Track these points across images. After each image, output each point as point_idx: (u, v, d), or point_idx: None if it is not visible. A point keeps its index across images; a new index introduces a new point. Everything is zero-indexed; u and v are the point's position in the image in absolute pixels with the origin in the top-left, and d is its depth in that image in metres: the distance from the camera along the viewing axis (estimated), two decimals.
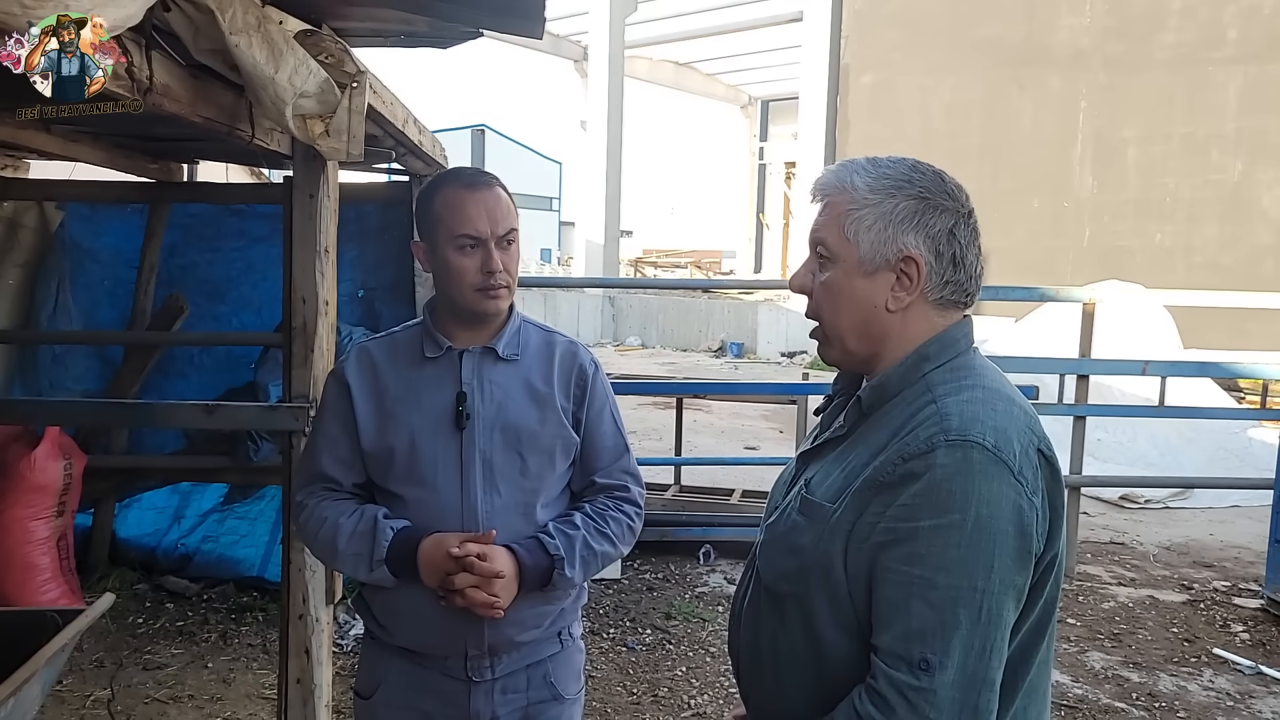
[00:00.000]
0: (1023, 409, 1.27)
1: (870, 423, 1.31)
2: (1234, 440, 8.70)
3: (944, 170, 1.34)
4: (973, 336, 1.35)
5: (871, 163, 1.33)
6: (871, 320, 1.32)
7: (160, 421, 4.12)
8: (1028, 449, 1.22)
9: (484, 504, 1.83)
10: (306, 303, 2.77)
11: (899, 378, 1.30)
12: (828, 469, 1.33)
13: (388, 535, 1.79)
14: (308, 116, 2.16)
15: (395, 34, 2.76)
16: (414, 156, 4.25)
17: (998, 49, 15.44)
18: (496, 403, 1.87)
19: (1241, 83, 13.53)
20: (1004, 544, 1.17)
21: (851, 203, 1.30)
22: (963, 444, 1.18)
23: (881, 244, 1.28)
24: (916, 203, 1.29)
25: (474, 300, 1.85)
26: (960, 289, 1.32)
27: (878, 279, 1.30)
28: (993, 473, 1.17)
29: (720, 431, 10.31)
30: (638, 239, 36.15)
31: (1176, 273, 13.53)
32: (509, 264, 1.86)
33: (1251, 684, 4.28)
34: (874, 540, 1.21)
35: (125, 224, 4.96)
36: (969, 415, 1.21)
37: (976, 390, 1.26)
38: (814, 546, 1.27)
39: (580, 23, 21.78)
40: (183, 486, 5.11)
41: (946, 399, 1.24)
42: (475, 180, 1.87)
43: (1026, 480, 1.19)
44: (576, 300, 20.35)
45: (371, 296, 5.06)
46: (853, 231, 1.30)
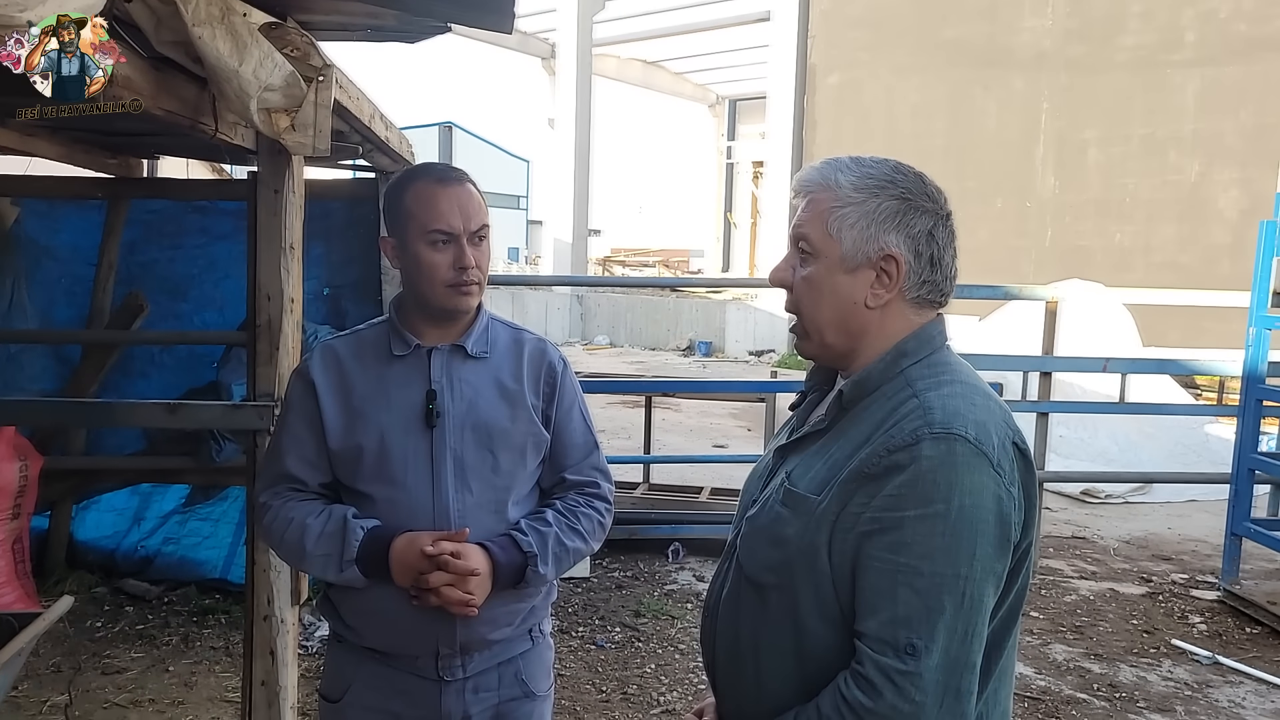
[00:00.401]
0: (998, 404, 1.32)
1: (850, 416, 1.34)
2: (1191, 436, 8.85)
3: (924, 173, 1.37)
4: (947, 334, 1.39)
5: (855, 162, 1.36)
6: (851, 316, 1.35)
7: (120, 421, 4.04)
8: (1005, 442, 1.26)
9: (456, 502, 1.82)
10: (272, 300, 2.74)
11: (879, 373, 1.33)
12: (809, 462, 1.35)
13: (358, 535, 1.77)
14: (273, 110, 2.14)
15: (362, 28, 2.74)
16: (381, 153, 4.21)
17: (962, 50, 15.60)
18: (467, 401, 1.86)
19: (1199, 85, 13.76)
20: (985, 532, 1.21)
21: (836, 200, 1.33)
22: (947, 436, 1.22)
23: (864, 242, 1.32)
24: (899, 203, 1.32)
25: (445, 297, 1.83)
26: (936, 289, 1.35)
27: (858, 276, 1.33)
28: (975, 464, 1.21)
29: (689, 430, 10.33)
30: (606, 238, 36.12)
31: (1136, 272, 13.74)
32: (481, 261, 1.85)
33: (1209, 674, 4.35)
34: (859, 530, 1.24)
35: (83, 220, 4.87)
36: (951, 409, 1.25)
37: (956, 385, 1.30)
38: (799, 538, 1.29)
39: (548, 20, 21.75)
40: (143, 488, 5.03)
41: (928, 393, 1.28)
42: (447, 175, 1.85)
43: (1004, 472, 1.24)
44: (545, 299, 20.31)
45: (337, 294, 5.01)
46: (836, 228, 1.33)
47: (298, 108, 2.20)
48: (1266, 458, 5.36)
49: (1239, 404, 5.42)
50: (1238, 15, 13.49)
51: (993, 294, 6.68)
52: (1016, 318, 9.54)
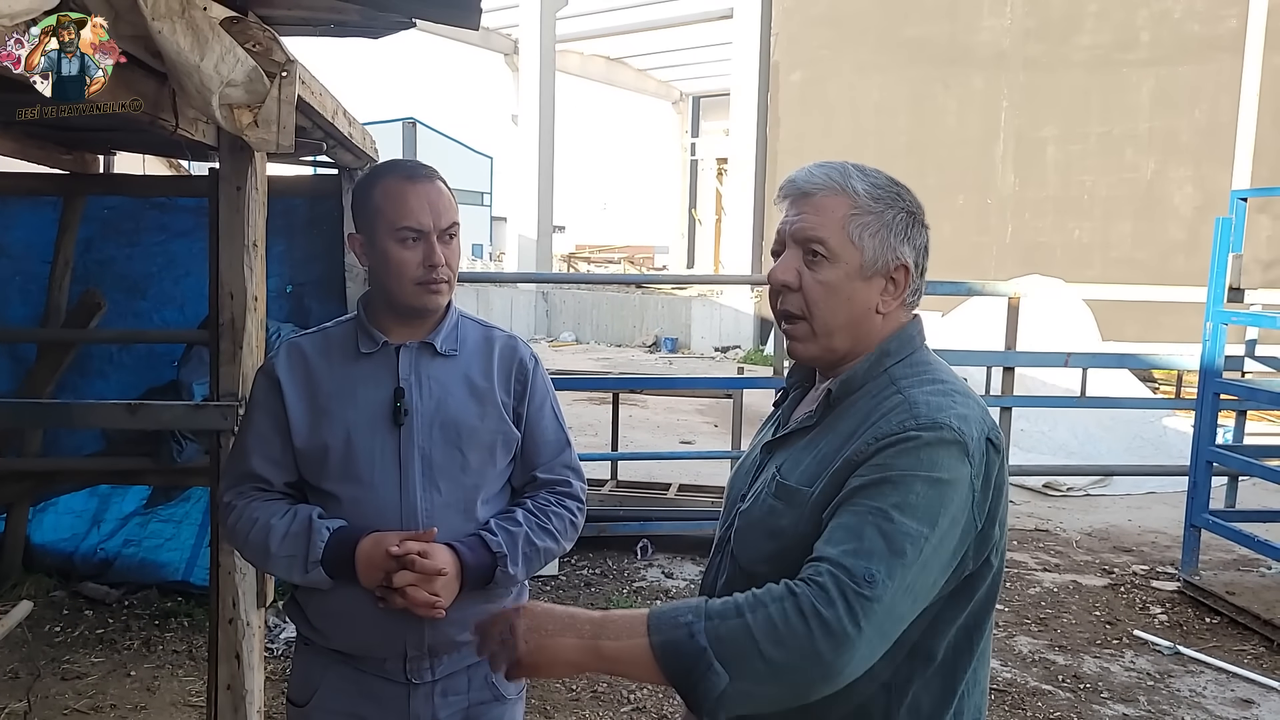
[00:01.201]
0: (976, 401, 1.38)
1: (837, 412, 1.40)
2: (1150, 429, 9.00)
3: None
4: (924, 334, 1.46)
5: (860, 169, 1.41)
6: (863, 321, 1.40)
7: (79, 422, 3.96)
8: (981, 438, 1.32)
9: (424, 502, 1.79)
10: (234, 298, 2.70)
11: (864, 372, 1.39)
12: (798, 456, 1.41)
13: (323, 535, 1.74)
14: (235, 106, 2.10)
15: (325, 23, 2.70)
16: (344, 149, 4.16)
17: (924, 49, 15.74)
18: (435, 399, 1.83)
19: (1153, 84, 13.99)
20: (950, 510, 1.27)
21: (855, 207, 1.37)
22: (933, 427, 1.29)
23: (883, 250, 1.38)
24: (907, 216, 1.40)
25: (413, 294, 1.81)
26: (919, 295, 1.45)
27: (873, 283, 1.38)
28: (955, 453, 1.28)
29: (656, 426, 10.34)
30: (571, 234, 36.04)
31: (1094, 268, 13.95)
32: (450, 258, 1.83)
33: (1170, 664, 4.43)
34: (845, 486, 1.30)
35: (37, 217, 4.76)
36: (935, 405, 1.32)
37: (938, 384, 1.37)
38: (793, 528, 1.34)
39: (511, 16, 21.62)
40: (102, 489, 4.94)
41: (912, 390, 1.35)
42: (416, 172, 1.83)
43: (974, 464, 1.30)
44: (509, 296, 20.23)
45: (301, 292, 4.95)
46: (858, 235, 1.37)
47: (260, 103, 2.16)
48: (1223, 450, 5.45)
49: (1196, 397, 5.51)
50: (1191, 15, 13.72)
51: (955, 290, 6.75)
52: (979, 313, 9.66)
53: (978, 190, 15.38)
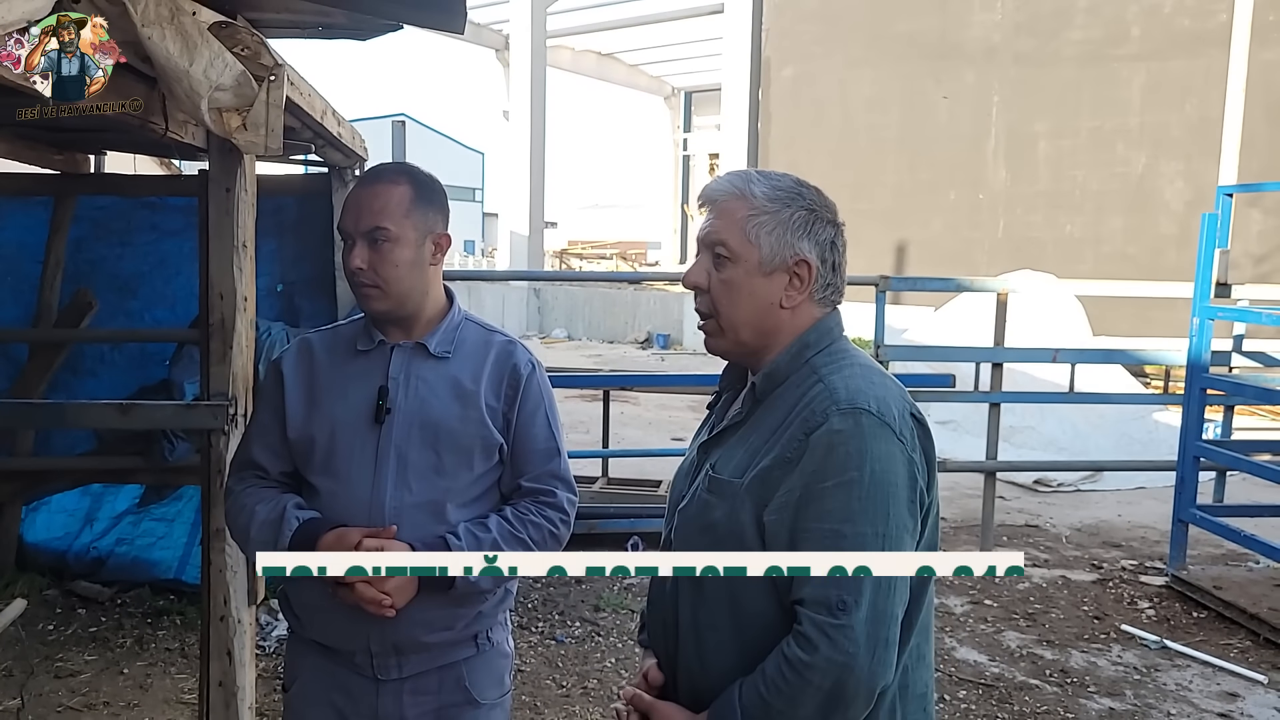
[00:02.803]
0: (894, 381, 1.47)
1: (764, 406, 1.48)
2: (1139, 424, 9.04)
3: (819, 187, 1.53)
4: (843, 326, 1.54)
5: (763, 174, 1.51)
6: (767, 315, 1.49)
7: (72, 422, 3.97)
8: (904, 414, 1.41)
9: (393, 500, 1.82)
10: (224, 299, 2.71)
11: (785, 364, 1.48)
12: (730, 452, 1.49)
13: (292, 525, 1.79)
14: (224, 110, 2.11)
15: (312, 25, 2.71)
16: (333, 148, 4.17)
17: (914, 44, 15.75)
18: (420, 399, 1.86)
19: (1144, 79, 14.01)
20: (897, 495, 1.35)
21: (752, 209, 1.47)
22: (852, 411, 1.37)
23: (780, 247, 1.46)
24: (808, 214, 1.48)
25: (355, 294, 1.87)
26: (836, 290, 1.52)
27: (774, 279, 1.47)
28: (880, 434, 1.36)
29: (647, 423, 10.36)
30: (562, 230, 36.05)
31: (1086, 263, 13.98)
32: (375, 263, 1.81)
33: (1157, 658, 4.46)
34: (790, 505, 1.37)
35: (29, 217, 4.76)
36: (853, 388, 1.40)
37: (855, 368, 1.45)
38: (726, 520, 1.43)
39: (501, 11, 21.60)
40: (94, 488, 4.95)
41: (831, 377, 1.43)
42: (370, 176, 1.89)
43: (906, 439, 1.39)
44: (501, 292, 20.21)
45: (291, 291, 4.96)
46: (754, 235, 1.46)
47: (249, 107, 2.18)
48: (1211, 445, 5.49)
49: (1184, 392, 5.55)
50: (1181, 10, 13.76)
51: (945, 286, 6.79)
52: (969, 309, 9.68)
53: (969, 186, 15.41)
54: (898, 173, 15.87)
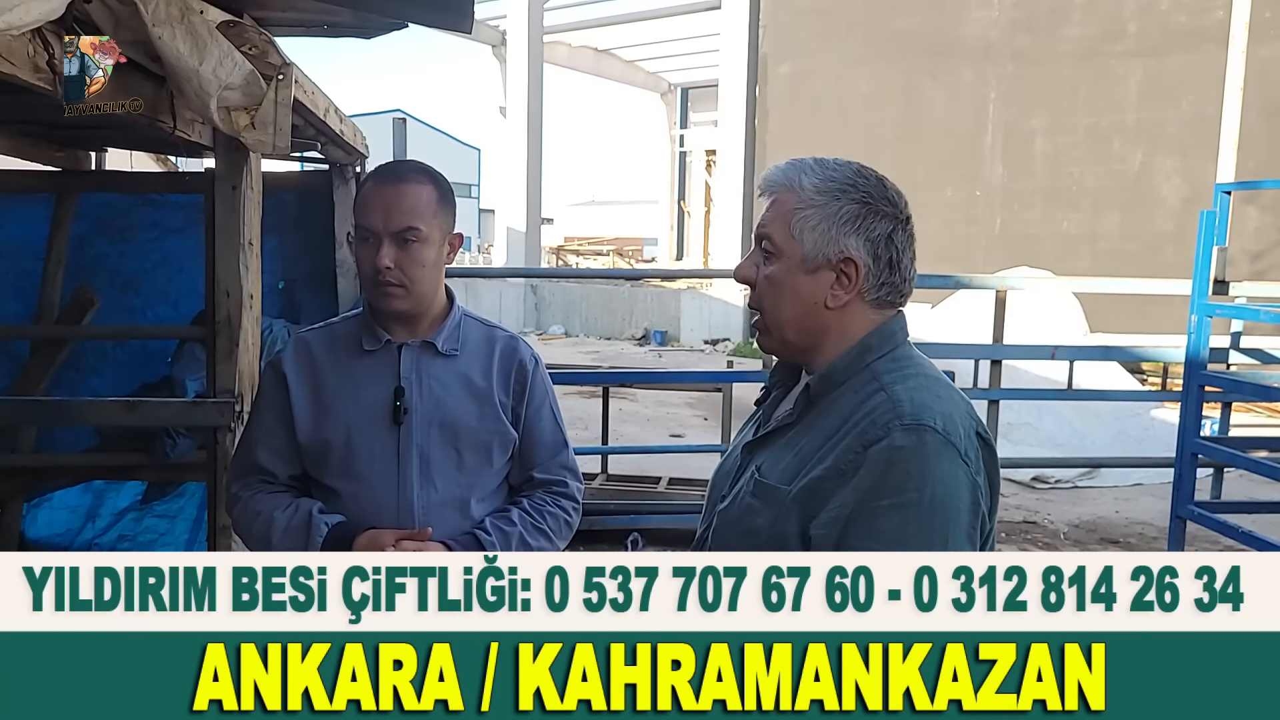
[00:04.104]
0: (960, 395, 1.38)
1: (818, 409, 1.39)
2: (1136, 421, 9.07)
3: (886, 176, 1.42)
4: (908, 330, 1.44)
5: (819, 163, 1.40)
6: (811, 315, 1.39)
7: (76, 418, 3.98)
8: (970, 433, 1.32)
9: (420, 499, 1.84)
10: (230, 296, 2.73)
11: (844, 367, 1.38)
12: (778, 455, 1.40)
13: (322, 530, 1.79)
14: (232, 108, 2.12)
15: (318, 24, 2.72)
16: (335, 145, 4.19)
17: (911, 40, 15.77)
18: (435, 398, 1.87)
19: (1141, 75, 14.04)
20: (957, 520, 1.27)
21: (799, 202, 1.37)
22: (917, 428, 1.27)
23: (824, 244, 1.36)
24: (859, 207, 1.36)
25: (370, 293, 1.86)
26: (895, 290, 1.40)
27: (819, 277, 1.38)
28: (944, 454, 1.27)
29: (646, 420, 10.37)
30: (559, 226, 36.04)
31: (1083, 259, 14.01)
32: (403, 263, 1.81)
33: None
34: (840, 520, 1.28)
35: (30, 214, 4.76)
36: (919, 402, 1.30)
37: (921, 379, 1.36)
38: (769, 527, 1.35)
39: (498, 7, 21.57)
40: (96, 485, 4.94)
41: (895, 386, 1.33)
42: (388, 174, 1.87)
43: (971, 461, 1.30)
44: (498, 289, 20.21)
45: (292, 288, 4.96)
46: (798, 230, 1.37)
47: (257, 106, 2.19)
48: (1208, 442, 5.51)
49: (1182, 389, 5.57)
50: (1178, 7, 13.78)
51: (944, 283, 6.82)
52: (967, 305, 9.71)
53: (966, 182, 15.44)
54: (894, 169, 15.45)
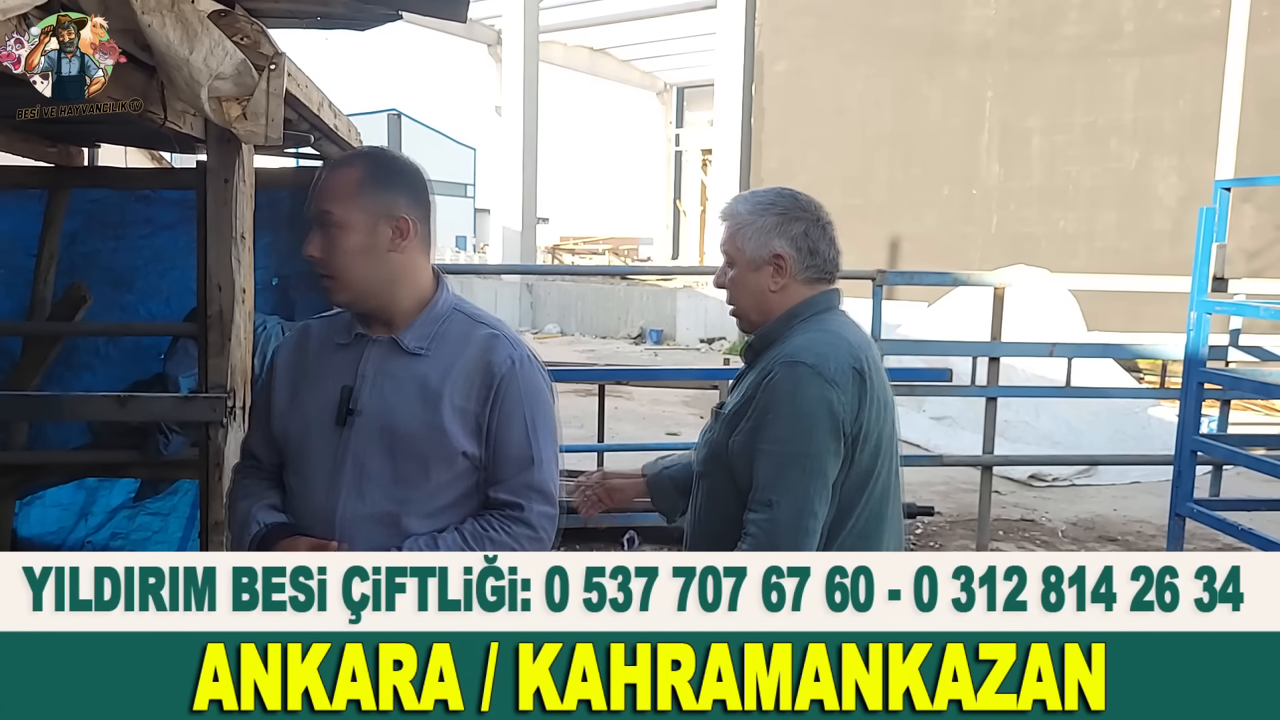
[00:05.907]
0: (848, 344, 1.89)
1: (759, 361, 1.97)
2: (1134, 419, 9.05)
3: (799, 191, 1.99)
4: (835, 301, 2.00)
5: (751, 193, 2.01)
6: (763, 299, 1.98)
7: (69, 414, 3.95)
8: (842, 367, 1.85)
9: (344, 510, 1.73)
10: (223, 290, 2.70)
11: (772, 329, 1.97)
12: (733, 395, 2.02)
13: (253, 529, 1.76)
14: (224, 99, 2.09)
15: (311, 15, 2.70)
16: (329, 141, 4.15)
17: (908, 39, 15.75)
18: (385, 400, 1.74)
19: (1138, 74, 14.03)
20: (819, 423, 1.82)
21: (739, 223, 1.98)
22: (793, 364, 1.86)
23: (759, 248, 1.95)
24: (779, 217, 1.95)
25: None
26: (820, 270, 1.97)
27: (762, 271, 1.97)
28: (810, 380, 1.83)
29: (642, 418, 10.34)
30: (555, 225, 35.96)
31: (1079, 258, 14.01)
32: (325, 251, 1.72)
33: None
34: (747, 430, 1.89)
35: (22, 210, 4.72)
36: (799, 345, 1.89)
37: (817, 333, 1.91)
38: (716, 440, 1.97)
39: (494, 6, 21.51)
40: (89, 482, 4.91)
41: (793, 338, 1.91)
42: (332, 160, 1.88)
43: (838, 384, 1.83)
44: (494, 287, 20.17)
45: (285, 284, 4.92)
46: (741, 241, 1.97)
47: (249, 96, 2.16)
48: (1207, 439, 5.49)
49: (1180, 387, 5.55)
50: (1175, 5, 13.78)
51: (940, 280, 6.80)
52: (964, 303, 9.68)
53: (963, 181, 15.42)
54: (891, 168, 15.87)
